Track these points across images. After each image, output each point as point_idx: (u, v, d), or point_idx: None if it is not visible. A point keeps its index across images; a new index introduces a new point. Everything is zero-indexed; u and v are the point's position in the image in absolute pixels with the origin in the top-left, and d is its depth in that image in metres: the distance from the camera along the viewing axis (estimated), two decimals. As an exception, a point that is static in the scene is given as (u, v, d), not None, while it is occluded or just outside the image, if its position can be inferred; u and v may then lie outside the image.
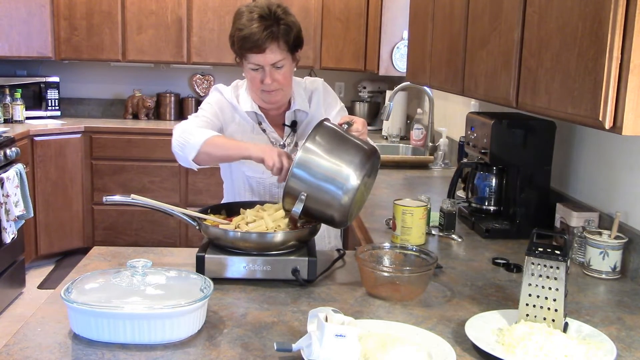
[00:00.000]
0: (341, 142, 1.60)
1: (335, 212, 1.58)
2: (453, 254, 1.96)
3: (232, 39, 1.93)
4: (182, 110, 5.38)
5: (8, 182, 3.73)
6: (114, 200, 1.64)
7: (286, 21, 1.88)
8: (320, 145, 1.57)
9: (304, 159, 1.55)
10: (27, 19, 4.76)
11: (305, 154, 1.55)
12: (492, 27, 1.86)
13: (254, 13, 1.86)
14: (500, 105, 1.83)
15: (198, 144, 1.83)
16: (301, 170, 1.55)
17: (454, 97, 3.55)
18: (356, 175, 1.55)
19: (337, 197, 1.55)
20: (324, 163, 1.55)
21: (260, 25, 1.84)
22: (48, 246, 4.65)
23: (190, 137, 1.85)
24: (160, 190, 4.80)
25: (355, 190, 1.55)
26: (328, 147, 1.57)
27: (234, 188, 2.09)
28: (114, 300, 1.28)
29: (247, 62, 1.91)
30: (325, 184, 1.55)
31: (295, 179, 1.55)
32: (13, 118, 4.82)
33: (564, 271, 1.33)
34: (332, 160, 1.56)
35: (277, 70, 1.90)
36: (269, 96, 1.95)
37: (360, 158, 1.57)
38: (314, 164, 1.55)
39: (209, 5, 4.97)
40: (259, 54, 1.86)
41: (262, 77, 1.90)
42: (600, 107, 1.25)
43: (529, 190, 2.12)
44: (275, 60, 1.88)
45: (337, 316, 1.20)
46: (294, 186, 1.56)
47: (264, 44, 1.84)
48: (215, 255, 1.61)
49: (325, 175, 1.55)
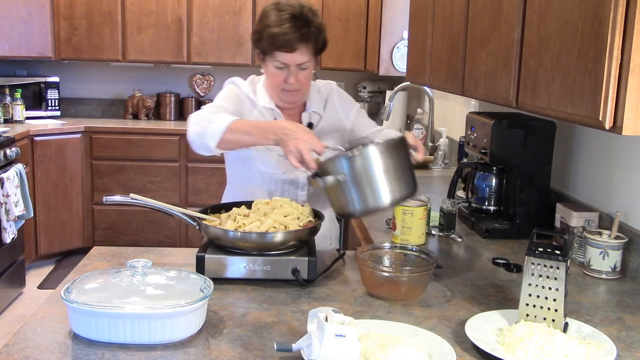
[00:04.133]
0: (401, 168, 1.63)
1: (350, 209, 1.61)
2: (453, 254, 1.96)
3: (258, 35, 1.93)
4: (182, 110, 5.38)
5: (8, 182, 3.73)
6: (114, 200, 1.64)
7: (316, 23, 1.90)
8: (386, 156, 1.59)
9: (368, 155, 1.57)
10: (27, 19, 4.76)
11: (373, 151, 1.57)
12: (492, 27, 1.86)
13: (285, 12, 1.87)
14: (500, 105, 1.83)
15: (220, 129, 1.75)
16: (359, 161, 1.57)
17: (454, 97, 3.55)
18: (389, 201, 1.60)
19: (363, 202, 1.58)
20: (376, 172, 1.57)
21: (292, 26, 1.85)
22: (48, 246, 4.65)
23: (209, 124, 1.77)
24: (160, 190, 4.80)
25: (379, 209, 1.61)
26: (390, 163, 1.59)
27: (242, 183, 2.06)
28: (114, 300, 1.28)
29: (273, 60, 1.91)
30: (365, 187, 1.57)
31: (348, 161, 1.56)
32: (13, 118, 4.82)
33: (564, 271, 1.33)
34: (384, 176, 1.58)
35: (301, 71, 1.92)
36: (288, 95, 1.96)
37: (402, 193, 1.63)
38: (370, 165, 1.57)
39: (209, 5, 4.98)
40: (289, 53, 1.88)
41: (287, 76, 1.91)
42: (600, 107, 1.25)
43: (529, 190, 2.12)
44: (302, 60, 1.90)
45: (337, 316, 1.20)
46: (340, 166, 1.57)
47: (296, 44, 1.86)
48: (215, 255, 1.61)
49: (370, 182, 1.57)
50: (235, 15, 5.01)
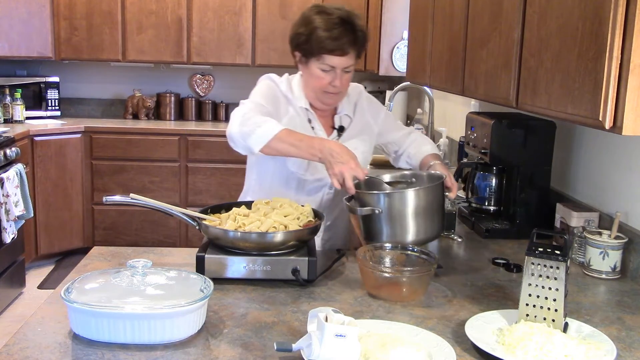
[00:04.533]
0: (432, 211, 1.75)
1: (377, 238, 1.74)
2: (453, 254, 1.96)
3: (305, 37, 1.91)
4: (182, 110, 5.38)
5: (8, 182, 3.73)
6: (114, 200, 1.64)
7: (362, 28, 1.93)
8: (422, 199, 1.73)
9: (405, 197, 1.72)
10: (27, 19, 4.76)
11: (410, 195, 1.72)
12: (492, 27, 1.86)
13: (334, 16, 1.88)
14: (500, 105, 1.83)
15: (267, 136, 1.78)
16: (396, 201, 1.72)
17: (454, 97, 3.55)
18: (413, 240, 1.73)
19: (391, 236, 1.73)
20: (409, 213, 1.72)
21: (343, 30, 1.87)
22: (48, 246, 4.65)
23: (256, 128, 1.79)
24: (160, 190, 4.80)
25: (403, 243, 1.72)
26: (422, 205, 1.73)
27: (267, 181, 2.06)
28: (114, 300, 1.28)
29: (320, 63, 1.91)
30: (395, 224, 1.72)
31: (386, 199, 1.71)
32: (13, 118, 4.82)
33: (564, 271, 1.33)
34: (414, 217, 1.72)
35: (345, 74, 1.94)
36: (328, 97, 1.98)
37: (427, 235, 1.78)
38: (405, 207, 1.71)
39: (209, 5, 4.97)
40: (339, 56, 1.89)
41: (332, 78, 1.92)
42: (600, 107, 1.25)
43: (529, 190, 2.12)
44: (349, 64, 1.92)
45: (337, 316, 1.20)
46: (377, 201, 1.71)
47: (348, 47, 1.89)
48: (215, 255, 1.61)
49: (401, 221, 1.72)
50: (235, 15, 5.01)
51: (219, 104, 5.41)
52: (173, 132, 4.86)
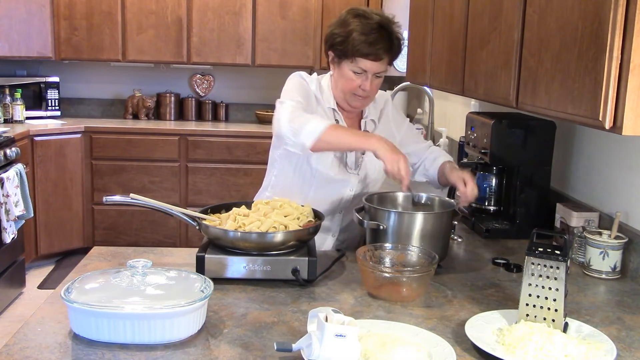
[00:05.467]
0: (438, 236, 1.77)
1: None
2: (453, 254, 1.96)
3: (341, 38, 1.90)
4: (182, 110, 5.38)
5: (8, 182, 3.73)
6: (114, 200, 1.64)
7: (399, 35, 1.93)
8: (430, 224, 1.76)
9: (415, 220, 1.75)
10: (27, 19, 4.76)
11: (420, 218, 1.75)
12: (492, 27, 1.86)
13: (373, 21, 1.88)
14: (500, 105, 1.83)
15: (318, 131, 1.79)
16: (405, 221, 1.75)
17: (454, 97, 3.55)
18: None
19: None
20: (414, 234, 1.74)
21: (380, 35, 1.87)
22: (48, 246, 4.65)
23: (306, 123, 1.81)
24: (160, 190, 4.80)
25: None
26: (429, 230, 1.75)
27: (288, 179, 2.05)
28: (114, 300, 1.28)
29: (353, 65, 1.91)
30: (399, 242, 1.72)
31: (396, 217, 1.75)
32: (13, 118, 4.82)
33: (564, 271, 1.33)
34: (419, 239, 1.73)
35: (375, 79, 1.94)
36: (356, 100, 1.98)
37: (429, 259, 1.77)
38: (413, 228, 1.74)
39: (209, 5, 4.97)
40: (373, 61, 1.89)
41: (362, 82, 1.92)
42: (600, 107, 1.25)
43: (529, 190, 2.12)
44: (381, 69, 1.92)
45: (337, 316, 1.20)
46: (387, 218, 1.75)
47: (383, 53, 1.89)
48: (215, 255, 1.61)
49: (407, 241, 1.73)
50: (235, 15, 5.00)
51: (219, 104, 5.41)
52: (173, 132, 4.86)
